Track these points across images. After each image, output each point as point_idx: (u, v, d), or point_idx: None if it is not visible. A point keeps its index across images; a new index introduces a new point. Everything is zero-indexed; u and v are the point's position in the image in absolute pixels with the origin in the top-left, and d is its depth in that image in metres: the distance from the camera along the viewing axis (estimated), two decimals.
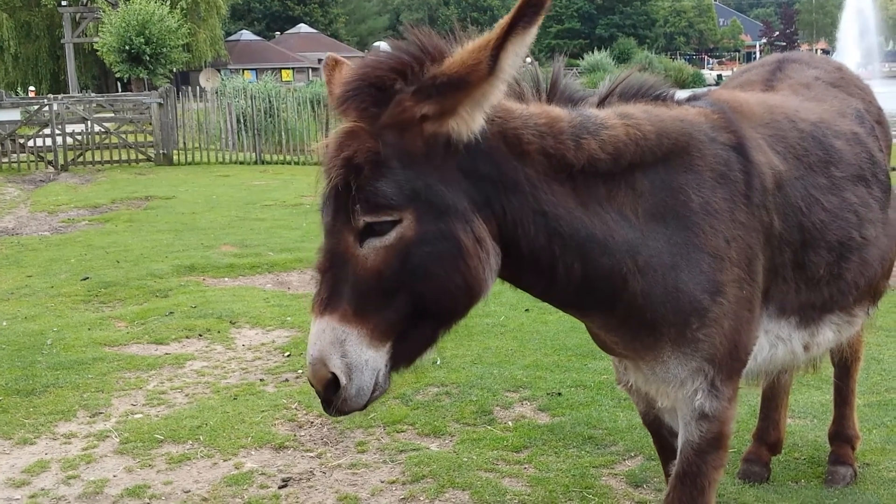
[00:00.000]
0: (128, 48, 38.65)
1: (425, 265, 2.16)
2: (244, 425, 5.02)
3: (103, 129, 21.21)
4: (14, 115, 25.30)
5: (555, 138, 2.34)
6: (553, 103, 2.46)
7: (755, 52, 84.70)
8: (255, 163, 21.05)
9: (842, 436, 4.19)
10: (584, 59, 52.00)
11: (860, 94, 3.49)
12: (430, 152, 2.18)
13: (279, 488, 4.30)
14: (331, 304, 2.18)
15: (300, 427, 5.03)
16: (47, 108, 20.95)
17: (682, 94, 2.88)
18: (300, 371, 5.87)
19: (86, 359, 6.19)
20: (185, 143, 22.00)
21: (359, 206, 2.13)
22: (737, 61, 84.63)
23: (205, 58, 48.00)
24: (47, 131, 20.42)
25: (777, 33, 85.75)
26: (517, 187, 2.29)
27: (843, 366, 4.13)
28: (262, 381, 5.81)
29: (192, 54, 45.54)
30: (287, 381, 5.79)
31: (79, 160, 20.49)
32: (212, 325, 7.00)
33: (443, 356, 5.97)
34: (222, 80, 35.28)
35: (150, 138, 21.39)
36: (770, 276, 2.76)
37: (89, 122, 21.06)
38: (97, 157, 20.70)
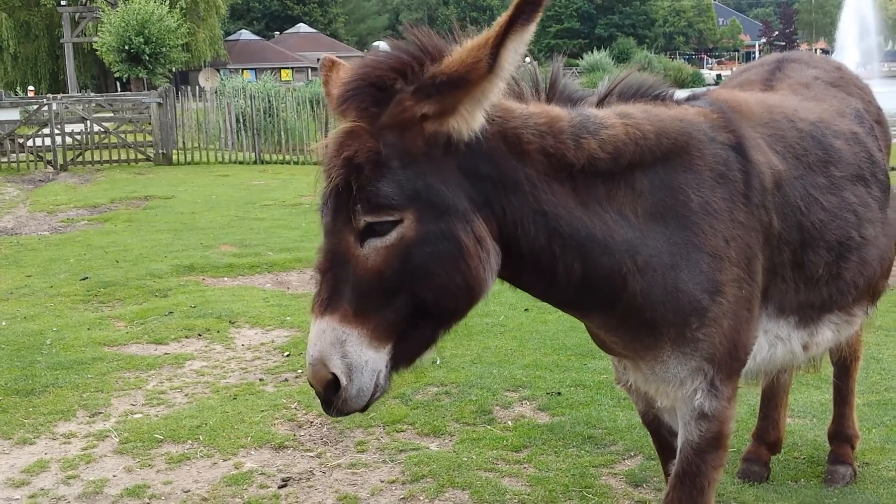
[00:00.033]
0: (127, 48, 38.63)
1: (426, 265, 2.16)
2: (244, 425, 5.03)
3: (102, 129, 21.20)
4: (13, 114, 25.25)
5: (555, 138, 2.34)
6: (552, 103, 2.46)
7: (754, 52, 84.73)
8: (255, 162, 21.04)
9: (841, 435, 4.20)
10: (583, 58, 51.95)
11: (859, 94, 3.50)
12: (431, 152, 2.18)
13: (279, 488, 4.30)
14: (331, 304, 2.18)
15: (300, 427, 5.03)
16: (46, 108, 20.95)
17: (682, 93, 2.88)
18: (300, 371, 5.87)
19: (85, 359, 6.19)
20: (184, 143, 22.01)
21: (359, 206, 2.13)
22: (736, 61, 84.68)
23: (204, 57, 47.99)
24: (46, 131, 20.40)
25: (776, 33, 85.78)
26: (517, 187, 2.29)
27: (842, 365, 4.13)
28: (261, 380, 5.81)
29: (192, 54, 45.51)
30: (287, 380, 5.79)
31: (78, 160, 20.48)
32: (211, 325, 7.00)
33: (442, 356, 5.97)
34: (221, 79, 35.31)
35: (149, 138, 21.38)
36: (769, 275, 2.76)
37: (88, 122, 21.06)
38: (96, 157, 20.68)
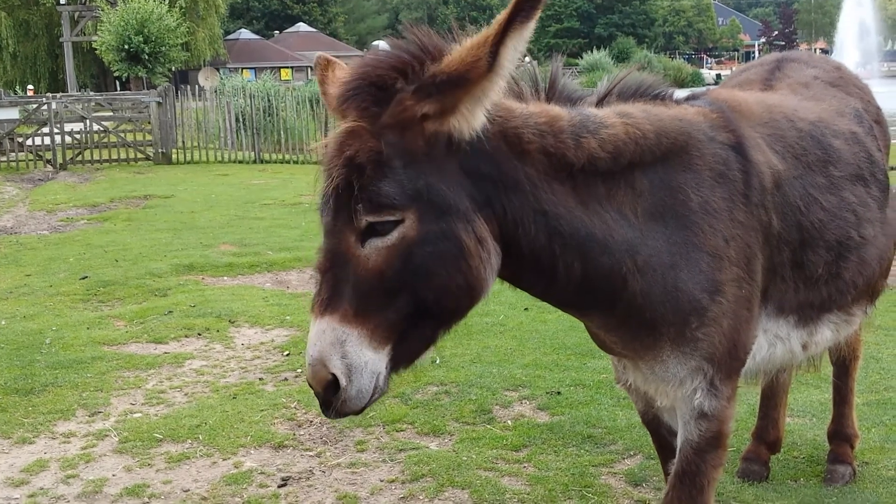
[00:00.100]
0: (126, 47, 38.58)
1: (427, 265, 2.16)
2: (243, 424, 5.03)
3: (102, 128, 21.18)
4: (12, 113, 25.23)
5: (555, 137, 2.34)
6: (552, 102, 2.46)
7: (754, 52, 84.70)
8: (254, 162, 21.03)
9: (841, 434, 4.20)
10: (582, 58, 51.92)
11: (859, 94, 3.50)
12: (432, 152, 2.18)
13: (278, 487, 4.30)
14: (331, 304, 2.17)
15: (299, 426, 5.03)
16: (46, 107, 20.92)
17: (681, 93, 2.88)
18: (299, 370, 5.87)
19: (85, 358, 6.19)
20: (183, 142, 22.00)
21: (361, 205, 2.13)
22: (735, 61, 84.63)
23: (203, 57, 47.94)
24: (46, 130, 20.37)
25: (776, 33, 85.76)
26: (518, 186, 2.29)
27: (841, 365, 4.14)
28: (261, 380, 5.81)
29: (191, 53, 45.46)
30: (286, 380, 5.79)
31: (77, 159, 20.46)
32: (211, 325, 7.00)
33: (442, 355, 5.97)
34: (221, 78, 35.28)
35: (148, 137, 21.38)
36: (769, 275, 2.77)
37: (88, 121, 21.04)
38: (96, 156, 20.66)
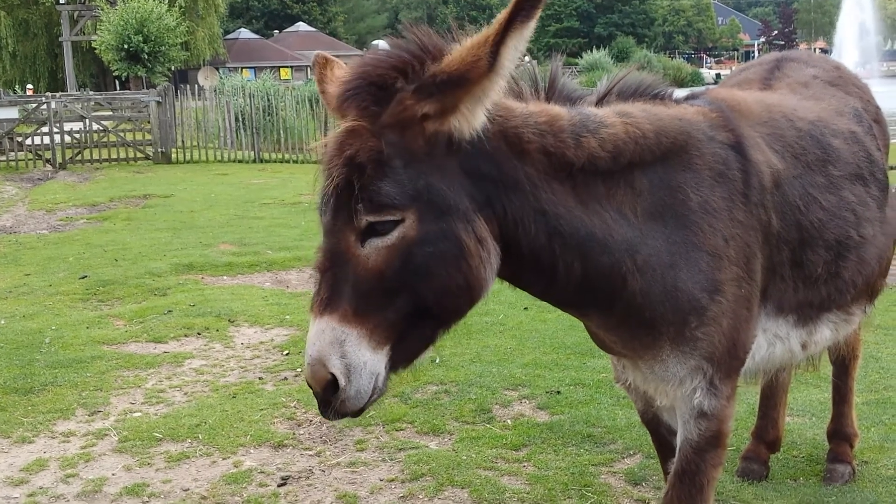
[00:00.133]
0: (126, 46, 38.56)
1: (427, 265, 2.16)
2: (243, 423, 5.03)
3: (101, 128, 21.18)
4: (12, 113, 25.20)
5: (555, 137, 2.34)
6: (552, 102, 2.46)
7: (753, 51, 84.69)
8: (254, 161, 21.04)
9: (840, 434, 4.20)
10: (582, 57, 51.94)
11: (858, 93, 3.50)
12: (432, 151, 2.17)
13: (278, 486, 4.30)
14: (331, 304, 2.17)
15: (299, 425, 5.03)
16: (45, 107, 20.93)
17: (681, 92, 2.88)
18: (299, 369, 5.87)
19: (84, 357, 6.19)
20: (183, 142, 21.99)
21: (361, 205, 2.13)
22: (735, 60, 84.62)
23: (203, 56, 47.92)
24: (45, 129, 20.37)
25: (775, 32, 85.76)
26: (518, 186, 2.29)
27: (841, 364, 4.14)
28: (260, 379, 5.81)
29: (191, 52, 45.43)
30: (286, 379, 5.79)
31: (77, 158, 20.46)
32: (210, 324, 7.00)
33: (442, 355, 5.97)
34: (221, 78, 35.27)
35: (148, 136, 21.38)
36: (768, 274, 2.77)
37: (87, 121, 21.04)
38: (95, 156, 20.66)
